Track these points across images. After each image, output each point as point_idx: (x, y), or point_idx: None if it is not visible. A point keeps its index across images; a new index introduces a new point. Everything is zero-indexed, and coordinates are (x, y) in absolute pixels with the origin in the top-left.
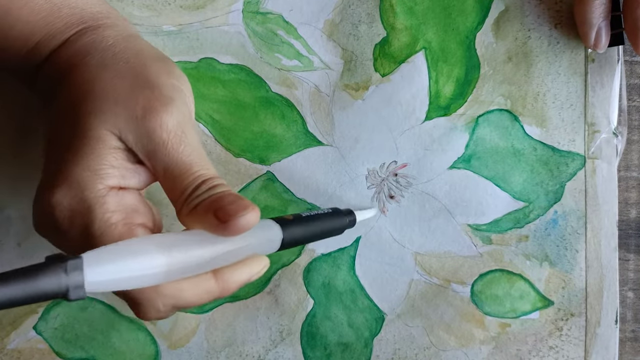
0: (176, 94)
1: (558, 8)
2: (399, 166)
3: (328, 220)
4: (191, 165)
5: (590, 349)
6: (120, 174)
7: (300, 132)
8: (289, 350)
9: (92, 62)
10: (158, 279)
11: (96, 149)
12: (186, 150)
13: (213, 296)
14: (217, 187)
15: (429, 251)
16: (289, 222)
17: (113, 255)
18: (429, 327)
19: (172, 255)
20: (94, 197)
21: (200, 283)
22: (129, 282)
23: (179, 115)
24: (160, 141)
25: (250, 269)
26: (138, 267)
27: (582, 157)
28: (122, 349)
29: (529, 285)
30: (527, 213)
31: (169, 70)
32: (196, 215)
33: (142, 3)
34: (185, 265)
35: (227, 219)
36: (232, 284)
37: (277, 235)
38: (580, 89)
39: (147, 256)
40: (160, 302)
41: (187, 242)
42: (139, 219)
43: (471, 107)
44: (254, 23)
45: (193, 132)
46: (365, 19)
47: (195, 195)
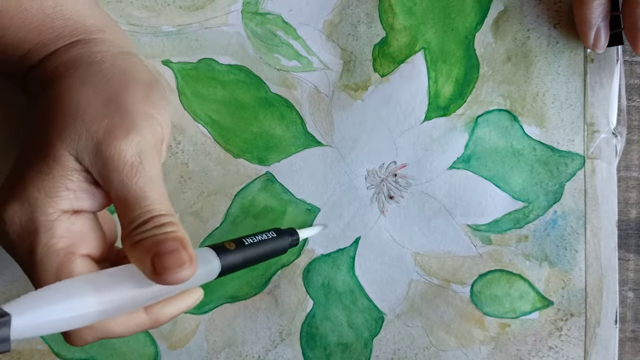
0: (144, 122)
1: (557, 8)
2: (399, 166)
3: (269, 243)
4: (143, 198)
5: (589, 349)
6: (75, 196)
7: (299, 132)
8: (288, 351)
9: (75, 75)
10: (89, 320)
11: (53, 170)
12: (140, 182)
13: (143, 329)
14: (164, 226)
15: (429, 251)
16: (229, 252)
17: (44, 300)
18: (428, 327)
19: (104, 297)
20: (42, 220)
21: (131, 318)
22: (59, 325)
23: (140, 144)
24: (115, 168)
25: (183, 304)
26: (69, 311)
27: (581, 157)
28: (121, 349)
29: (528, 286)
30: (527, 213)
31: (147, 96)
32: (136, 252)
33: (141, 4)
34: (117, 306)
35: (162, 272)
36: (164, 318)
37: (214, 267)
38: (580, 89)
39: (78, 300)
40: (88, 334)
41: (121, 282)
42: (84, 248)
43: (470, 107)
44: (253, 24)
45: (154, 164)
46: (364, 20)
47: (140, 231)
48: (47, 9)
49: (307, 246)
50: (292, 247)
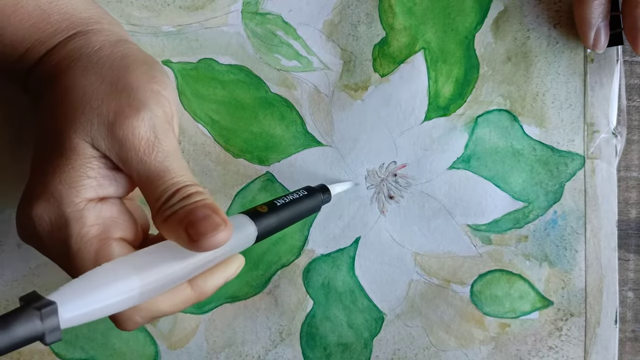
0: (152, 98)
1: (557, 8)
2: (399, 166)
3: (302, 202)
4: (165, 172)
5: (589, 349)
6: (98, 183)
7: (299, 132)
8: (288, 351)
9: (77, 67)
10: (134, 301)
11: (71, 161)
12: (159, 157)
13: (190, 303)
14: (192, 196)
15: (429, 251)
16: (263, 215)
17: (86, 288)
18: (428, 327)
19: (145, 276)
20: (70, 212)
21: (175, 294)
22: (105, 310)
23: (152, 119)
24: (131, 147)
25: (226, 272)
26: (112, 294)
27: (581, 157)
28: (121, 349)
29: (528, 286)
30: (527, 213)
31: (151, 75)
32: (168, 226)
33: (141, 4)
34: (160, 284)
35: (198, 238)
36: (208, 290)
37: (251, 231)
38: (580, 89)
39: (120, 282)
40: (137, 315)
41: (160, 259)
42: (117, 232)
43: (470, 107)
44: (253, 24)
45: (169, 138)
46: (364, 20)
47: (169, 205)
48: (43, 5)
49: (307, 246)
50: (325, 204)
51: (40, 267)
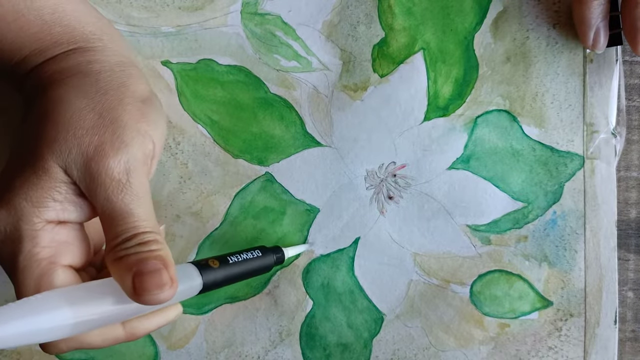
0: (136, 139)
1: (556, 8)
2: (398, 167)
3: (254, 262)
4: (128, 214)
5: (589, 349)
6: (62, 207)
7: (299, 133)
8: (288, 351)
9: (70, 84)
10: (65, 332)
11: (41, 181)
12: (126, 199)
13: (118, 342)
14: (148, 244)
15: (428, 252)
16: (212, 269)
17: (20, 313)
18: (428, 328)
19: (80, 310)
20: (27, 229)
21: (107, 332)
22: (36, 337)
23: (129, 162)
24: (102, 184)
25: (161, 320)
26: (45, 322)
27: (580, 157)
28: (121, 350)
29: (528, 286)
30: (526, 213)
31: (141, 111)
32: (117, 268)
33: (140, 4)
34: (94, 320)
35: (142, 292)
36: (140, 332)
37: (196, 281)
38: (579, 89)
39: (54, 313)
40: (63, 344)
41: (99, 297)
42: (67, 258)
43: (470, 107)
44: (252, 24)
45: (141, 181)
46: (363, 20)
47: (123, 247)
48: (46, 15)
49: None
50: (277, 265)
51: None
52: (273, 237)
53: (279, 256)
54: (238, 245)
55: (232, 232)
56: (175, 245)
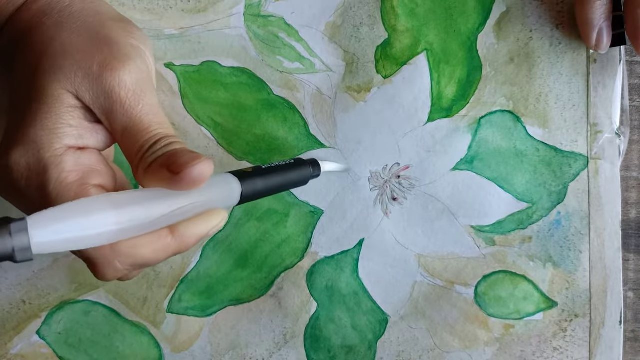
0: (135, 53)
1: (559, 9)
2: (402, 168)
3: (290, 171)
4: (149, 124)
5: (594, 350)
6: (78, 133)
7: (302, 134)
8: (292, 353)
9: (49, 23)
10: (109, 237)
11: (53, 108)
12: (144, 110)
13: (171, 252)
14: (173, 144)
15: (432, 253)
16: (248, 175)
17: (60, 215)
18: (432, 329)
19: (123, 213)
20: (50, 157)
21: (155, 240)
22: (79, 242)
23: (137, 73)
24: (117, 99)
25: (207, 223)
26: (87, 225)
27: (584, 157)
28: (125, 352)
29: (532, 287)
30: (531, 214)
31: (128, 30)
32: (151, 173)
33: (144, 7)
34: (138, 223)
35: (179, 170)
36: (189, 239)
37: (235, 188)
38: (583, 90)
39: (96, 214)
40: (117, 260)
41: (141, 199)
42: (96, 179)
43: (473, 108)
44: (255, 26)
45: (152, 92)
46: (366, 21)
47: (151, 153)
48: None
49: (310, 248)
50: (313, 178)
51: (43, 270)
52: (277, 239)
53: (315, 169)
54: (242, 247)
55: (235, 234)
56: None
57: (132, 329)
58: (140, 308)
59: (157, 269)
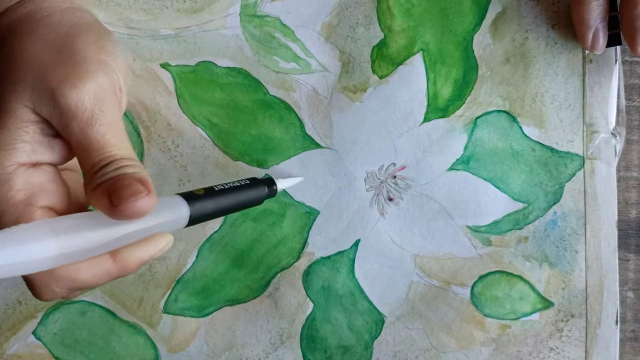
0: (99, 69)
1: (555, 9)
2: (398, 168)
3: (244, 191)
4: (104, 145)
5: (590, 350)
6: (32, 148)
7: (298, 134)
8: (289, 354)
9: (23, 31)
10: (49, 263)
11: (7, 124)
12: (101, 129)
13: (112, 276)
14: (123, 168)
15: (429, 253)
16: (198, 197)
17: (2, 242)
18: (429, 329)
19: (64, 240)
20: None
21: (96, 264)
22: (19, 268)
23: (96, 90)
24: (74, 117)
25: (151, 248)
26: (27, 252)
27: (580, 157)
28: (121, 353)
29: (528, 287)
30: (527, 214)
31: (100, 44)
32: (95, 196)
33: (139, 7)
34: (79, 249)
35: (117, 203)
36: (131, 264)
37: (183, 212)
38: (579, 90)
39: (36, 242)
40: (55, 283)
41: (83, 225)
42: (44, 199)
43: (469, 108)
44: (251, 26)
45: (112, 110)
46: (362, 22)
47: (99, 175)
48: None
49: (306, 249)
50: (269, 198)
51: None
52: (273, 239)
53: (271, 188)
54: (238, 248)
55: (232, 234)
56: (174, 248)
57: (128, 329)
58: (137, 308)
59: (153, 269)
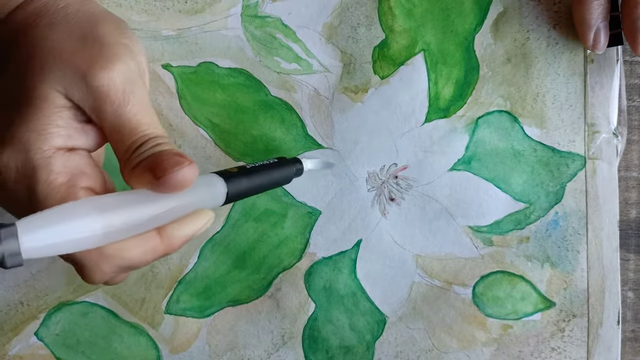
0: (124, 52)
1: (556, 9)
2: (399, 168)
3: (274, 170)
4: (137, 124)
5: (592, 350)
6: (67, 133)
7: (299, 135)
8: (290, 354)
9: (42, 24)
10: (96, 241)
11: (41, 109)
12: (133, 109)
13: (159, 254)
14: (160, 145)
15: (430, 253)
16: (233, 175)
17: (49, 220)
18: (430, 330)
19: (110, 217)
20: (38, 159)
21: (143, 242)
22: (67, 246)
23: (126, 72)
24: (106, 98)
25: (195, 224)
26: (75, 230)
27: (582, 157)
28: (123, 353)
29: (530, 287)
30: (528, 214)
31: (120, 30)
32: (137, 175)
33: (141, 8)
34: (124, 226)
35: (162, 174)
36: (177, 240)
37: (220, 189)
38: (580, 90)
39: (83, 219)
40: (104, 263)
41: (127, 202)
42: (85, 181)
43: (471, 108)
44: (252, 27)
45: (142, 91)
46: (363, 22)
47: (138, 154)
48: None
49: (308, 249)
50: (296, 177)
51: (41, 272)
52: (275, 239)
53: (298, 167)
54: (239, 248)
55: (233, 235)
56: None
57: (130, 330)
58: (138, 309)
59: (154, 270)
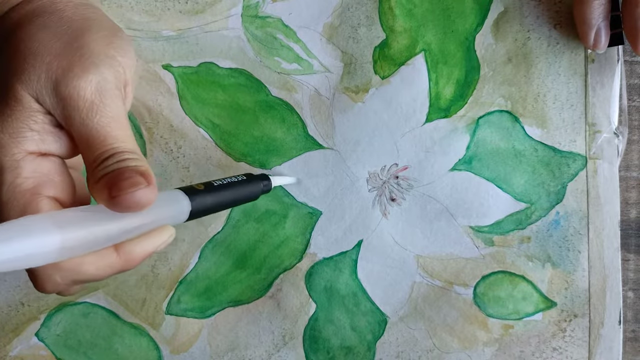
0: (104, 62)
1: (557, 9)
2: (400, 169)
3: (241, 187)
4: (106, 136)
5: (594, 350)
6: (40, 138)
7: (300, 135)
8: (291, 354)
9: (36, 23)
10: (53, 257)
11: (15, 112)
12: (101, 121)
13: (116, 270)
14: (125, 161)
15: (431, 253)
16: (198, 192)
17: (6, 235)
18: (431, 330)
19: (69, 233)
20: (7, 161)
21: (100, 258)
22: (23, 262)
23: (100, 82)
24: (75, 107)
25: (154, 241)
26: (32, 245)
27: (583, 157)
28: (124, 354)
29: (531, 287)
30: (529, 214)
31: (109, 40)
32: (97, 189)
33: (141, 8)
34: (83, 243)
35: (117, 194)
36: (135, 256)
37: (184, 206)
38: (581, 90)
39: (40, 235)
40: (58, 276)
41: (87, 218)
42: (51, 190)
43: (471, 108)
44: (253, 27)
45: (115, 103)
46: (364, 22)
47: (101, 168)
48: None
49: (309, 249)
50: (264, 194)
51: None
52: (275, 240)
53: (266, 183)
54: (240, 248)
55: (234, 235)
56: (177, 249)
57: (131, 330)
58: (139, 310)
59: (155, 271)
